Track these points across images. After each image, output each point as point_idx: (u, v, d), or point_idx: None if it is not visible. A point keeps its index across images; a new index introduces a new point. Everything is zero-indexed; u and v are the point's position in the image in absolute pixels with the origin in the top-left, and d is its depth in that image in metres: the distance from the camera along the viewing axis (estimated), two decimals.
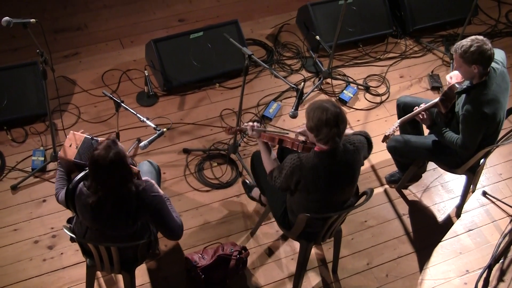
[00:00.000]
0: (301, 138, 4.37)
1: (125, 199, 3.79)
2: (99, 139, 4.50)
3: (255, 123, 4.44)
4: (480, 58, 4.32)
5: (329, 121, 3.84)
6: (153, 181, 4.02)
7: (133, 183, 3.81)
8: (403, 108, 5.16)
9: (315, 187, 4.05)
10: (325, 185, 4.05)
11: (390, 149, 5.10)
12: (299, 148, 4.19)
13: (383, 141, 4.95)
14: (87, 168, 3.96)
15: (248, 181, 5.31)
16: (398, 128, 4.94)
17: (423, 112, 4.79)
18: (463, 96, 4.57)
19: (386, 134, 4.88)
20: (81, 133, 4.52)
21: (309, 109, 3.95)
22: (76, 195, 3.89)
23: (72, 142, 4.47)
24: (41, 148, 5.46)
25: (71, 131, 4.60)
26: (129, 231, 3.95)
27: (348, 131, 4.26)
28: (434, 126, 4.78)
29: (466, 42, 4.34)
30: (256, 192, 5.16)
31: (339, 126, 3.88)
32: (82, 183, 3.89)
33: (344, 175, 4.10)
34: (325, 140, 3.92)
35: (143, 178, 4.06)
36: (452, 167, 4.99)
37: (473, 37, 4.38)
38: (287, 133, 4.44)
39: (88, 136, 4.47)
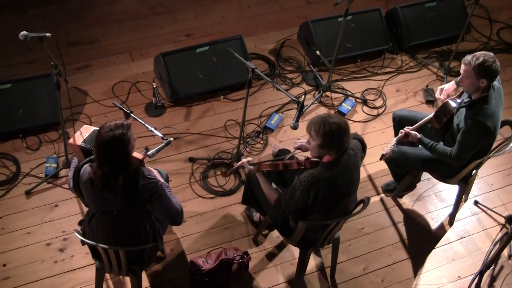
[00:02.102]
0: (298, 154, 4.33)
1: (124, 177, 3.80)
2: None
3: (249, 158, 4.41)
4: (490, 74, 4.35)
5: (337, 131, 3.85)
6: (154, 169, 4.04)
7: (133, 164, 3.85)
8: (399, 121, 5.17)
9: (333, 197, 4.05)
10: (343, 192, 4.06)
11: (387, 160, 5.11)
12: (306, 164, 4.15)
13: (380, 159, 4.92)
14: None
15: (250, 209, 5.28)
16: (393, 147, 4.93)
17: (412, 132, 4.79)
18: (463, 110, 4.57)
19: (384, 153, 4.87)
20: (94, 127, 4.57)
21: (314, 125, 3.92)
22: (81, 175, 3.93)
23: (83, 132, 4.51)
24: (54, 155, 5.46)
25: (85, 125, 4.62)
26: (131, 218, 3.97)
27: None
28: (422, 142, 4.78)
29: (480, 56, 4.34)
30: (257, 217, 5.16)
31: (346, 134, 3.90)
32: (88, 164, 3.93)
33: (353, 179, 4.11)
34: (336, 149, 3.93)
35: (153, 170, 4.07)
36: (445, 177, 4.99)
37: (485, 52, 4.40)
38: (283, 158, 4.38)
39: (97, 128, 4.49)
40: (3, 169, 5.35)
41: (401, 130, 4.85)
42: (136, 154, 4.14)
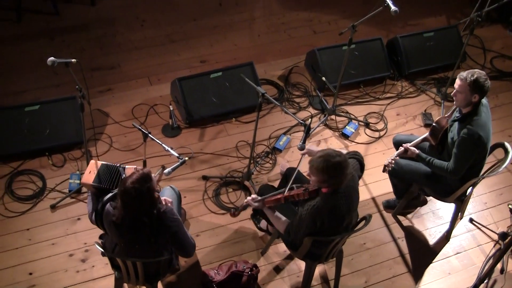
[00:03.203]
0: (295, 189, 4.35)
1: (147, 221, 3.81)
2: (126, 166, 4.55)
3: (253, 196, 4.42)
4: (483, 90, 4.41)
5: (338, 170, 3.86)
6: (172, 206, 4.06)
7: (156, 208, 3.84)
8: (398, 145, 5.19)
9: (337, 221, 4.07)
10: (345, 214, 4.07)
11: (389, 171, 5.12)
12: (305, 195, 4.14)
13: (383, 171, 4.95)
14: (112, 190, 4.04)
15: (256, 216, 5.28)
16: (393, 160, 4.95)
17: (411, 148, 4.83)
18: (456, 124, 4.60)
19: (385, 163, 4.89)
20: (102, 161, 4.57)
21: (316, 163, 3.91)
22: (104, 214, 3.93)
23: (92, 169, 4.50)
24: (77, 172, 5.49)
25: (92, 160, 4.64)
26: (152, 248, 3.98)
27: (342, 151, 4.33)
28: (420, 157, 4.81)
29: (475, 73, 4.41)
30: (263, 223, 5.17)
31: (346, 171, 3.90)
32: (109, 203, 3.93)
33: (353, 200, 4.12)
34: (336, 185, 3.96)
35: (166, 199, 4.11)
36: (442, 195, 4.99)
37: (478, 70, 4.46)
38: (284, 191, 4.36)
39: (110, 164, 4.50)
40: (31, 185, 5.38)
41: (401, 146, 4.89)
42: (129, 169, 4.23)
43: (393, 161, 4.87)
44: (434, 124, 4.87)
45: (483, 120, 4.50)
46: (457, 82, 4.51)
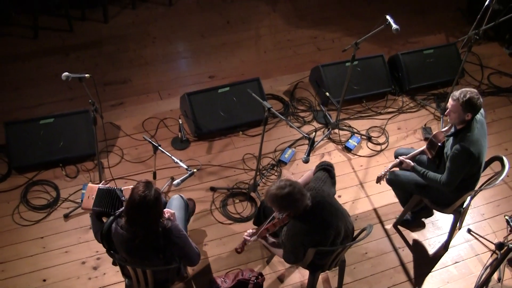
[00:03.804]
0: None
1: (154, 237, 3.85)
2: (123, 188, 4.49)
3: (249, 231, 4.46)
4: (475, 109, 4.45)
5: (284, 199, 3.92)
6: (175, 218, 4.07)
7: (161, 224, 3.87)
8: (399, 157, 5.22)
9: (321, 237, 4.10)
10: (328, 230, 4.09)
11: (387, 181, 5.14)
12: (284, 221, 4.24)
13: (377, 182, 5.00)
14: (112, 213, 4.07)
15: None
16: (388, 172, 4.98)
17: (406, 160, 4.85)
18: (451, 139, 4.64)
19: (379, 175, 4.94)
20: (96, 184, 4.56)
21: (266, 197, 4.00)
22: (113, 234, 3.95)
23: (90, 194, 4.45)
24: (90, 183, 5.45)
25: (88, 184, 4.64)
26: (160, 262, 4.00)
27: (308, 173, 4.44)
28: (415, 170, 4.83)
29: (467, 93, 4.43)
30: None
31: (296, 197, 3.93)
32: (114, 223, 3.95)
33: (328, 214, 4.12)
34: (296, 211, 4.00)
35: (168, 210, 4.11)
36: (441, 206, 5.00)
37: (470, 89, 4.48)
38: (274, 218, 4.42)
39: (101, 187, 4.47)
40: (45, 195, 5.42)
41: (396, 158, 4.92)
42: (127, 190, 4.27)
43: (386, 173, 4.91)
44: (431, 138, 4.89)
45: (476, 136, 4.53)
46: (450, 102, 4.53)
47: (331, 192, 4.34)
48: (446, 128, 4.85)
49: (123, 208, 3.88)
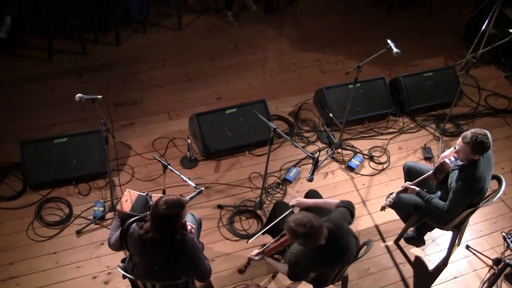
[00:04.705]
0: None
1: (169, 244, 3.85)
2: (152, 195, 4.61)
3: (254, 251, 4.50)
4: (482, 150, 4.46)
5: (303, 236, 3.90)
6: (193, 235, 4.07)
7: (180, 234, 3.88)
8: (407, 171, 5.24)
9: (328, 272, 4.15)
10: (339, 260, 4.13)
11: (391, 204, 5.15)
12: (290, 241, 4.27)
13: (381, 210, 5.04)
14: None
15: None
16: (392, 200, 5.00)
17: (411, 187, 4.86)
18: (456, 172, 4.63)
19: (383, 205, 4.97)
20: (136, 191, 4.63)
21: (287, 229, 3.96)
22: (129, 233, 3.96)
23: (128, 198, 4.57)
24: (101, 200, 5.54)
25: (128, 189, 4.69)
26: (170, 271, 4.00)
27: (332, 200, 4.40)
28: (420, 195, 4.84)
29: (475, 135, 4.40)
30: None
31: (316, 237, 3.91)
32: (135, 223, 3.97)
33: (346, 243, 4.13)
34: (310, 245, 3.99)
35: (191, 224, 4.13)
36: (440, 224, 5.01)
37: (480, 131, 4.45)
38: (280, 237, 4.47)
39: (142, 194, 4.56)
40: (58, 211, 5.44)
41: (402, 185, 4.92)
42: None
43: (390, 202, 4.92)
44: (439, 165, 4.87)
45: (480, 173, 4.55)
46: (460, 143, 4.52)
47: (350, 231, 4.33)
48: (452, 159, 4.83)
49: (149, 212, 3.92)
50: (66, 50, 7.16)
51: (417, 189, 4.83)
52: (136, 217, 4.05)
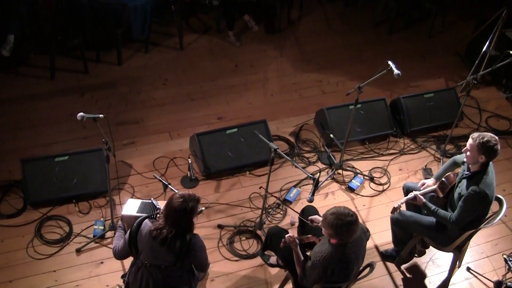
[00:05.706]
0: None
1: (180, 240, 3.98)
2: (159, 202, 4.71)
3: (293, 236, 4.48)
4: (490, 152, 4.52)
5: (344, 227, 3.96)
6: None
7: (191, 233, 4.04)
8: (407, 191, 5.25)
9: (348, 270, 4.15)
10: (354, 266, 4.16)
11: (393, 220, 5.17)
12: (317, 241, 4.40)
13: (392, 212, 5.01)
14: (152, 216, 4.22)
15: (265, 254, 5.26)
16: (403, 204, 5.02)
17: (421, 196, 4.89)
18: (464, 181, 4.68)
19: (395, 206, 4.96)
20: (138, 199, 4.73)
21: (327, 219, 4.02)
22: (141, 229, 4.07)
23: (132, 205, 4.68)
24: (102, 219, 5.57)
25: (129, 198, 4.73)
26: (174, 273, 4.11)
27: None
28: (426, 206, 4.87)
29: (487, 136, 4.50)
30: (273, 259, 5.17)
31: (354, 230, 4.00)
32: (147, 219, 4.10)
33: (360, 253, 4.20)
34: (344, 240, 4.06)
35: None
36: (441, 245, 5.03)
37: (491, 134, 4.55)
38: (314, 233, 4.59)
39: (146, 200, 4.64)
40: (58, 229, 5.47)
41: (411, 192, 4.94)
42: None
43: (402, 205, 4.94)
44: (443, 179, 4.93)
45: (490, 179, 4.60)
46: (469, 141, 4.60)
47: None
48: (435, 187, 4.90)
49: (162, 208, 4.05)
50: (68, 69, 7.23)
51: (424, 199, 4.87)
52: (147, 215, 4.19)
